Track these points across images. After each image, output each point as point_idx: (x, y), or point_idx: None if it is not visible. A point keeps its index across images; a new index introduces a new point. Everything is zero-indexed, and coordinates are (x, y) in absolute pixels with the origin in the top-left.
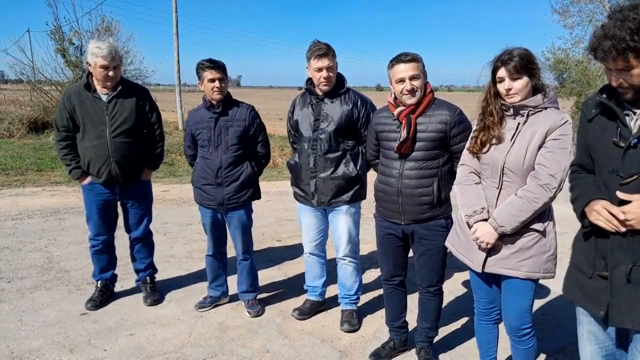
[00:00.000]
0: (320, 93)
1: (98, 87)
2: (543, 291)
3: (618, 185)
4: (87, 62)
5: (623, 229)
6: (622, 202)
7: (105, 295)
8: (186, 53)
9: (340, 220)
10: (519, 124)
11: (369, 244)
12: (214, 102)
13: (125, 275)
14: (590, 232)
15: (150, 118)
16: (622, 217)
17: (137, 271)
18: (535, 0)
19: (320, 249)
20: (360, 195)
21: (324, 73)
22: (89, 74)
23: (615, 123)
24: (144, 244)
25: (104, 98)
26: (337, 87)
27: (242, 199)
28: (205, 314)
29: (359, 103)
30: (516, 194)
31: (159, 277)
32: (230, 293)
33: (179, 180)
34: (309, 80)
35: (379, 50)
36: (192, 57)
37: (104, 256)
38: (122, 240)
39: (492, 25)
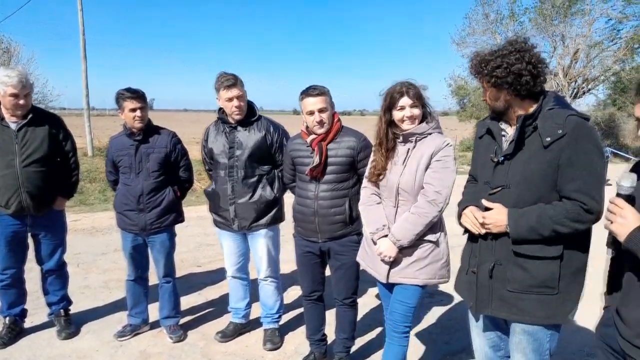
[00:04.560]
0: (232, 121)
1: (6, 116)
2: (447, 299)
3: (487, 195)
4: None
5: (483, 231)
6: (489, 209)
7: (14, 332)
8: (93, 75)
9: (260, 242)
10: (408, 149)
11: (288, 264)
12: (134, 130)
13: (35, 310)
14: (469, 236)
15: (64, 146)
16: (481, 220)
17: (49, 304)
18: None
19: (243, 271)
20: (279, 218)
21: (235, 102)
22: None
23: (495, 142)
24: (57, 276)
25: (13, 127)
26: (249, 114)
27: (164, 224)
28: (125, 343)
29: (272, 129)
30: (410, 211)
31: (73, 309)
32: (150, 320)
33: (90, 209)
34: (221, 110)
35: (295, 75)
36: (100, 79)
37: (13, 291)
38: (30, 274)
39: (398, 52)
